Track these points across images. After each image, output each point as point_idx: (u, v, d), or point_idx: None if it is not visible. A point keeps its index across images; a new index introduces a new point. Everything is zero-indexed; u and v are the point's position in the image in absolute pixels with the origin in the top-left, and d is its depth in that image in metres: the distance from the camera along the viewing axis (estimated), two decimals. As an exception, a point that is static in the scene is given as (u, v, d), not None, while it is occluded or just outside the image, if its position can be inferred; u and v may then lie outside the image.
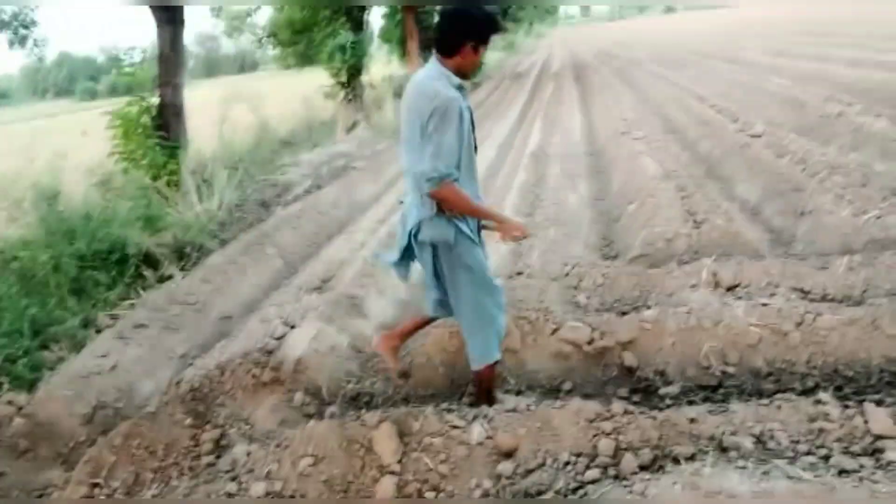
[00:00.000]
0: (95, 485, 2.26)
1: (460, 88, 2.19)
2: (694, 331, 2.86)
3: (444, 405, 2.49)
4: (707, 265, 3.43)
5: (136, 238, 4.08)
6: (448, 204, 2.19)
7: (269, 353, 2.97)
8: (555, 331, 2.98)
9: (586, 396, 2.66)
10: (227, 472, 2.28)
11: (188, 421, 2.55)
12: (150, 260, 4.14)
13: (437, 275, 2.38)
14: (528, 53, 34.28)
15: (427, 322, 2.71)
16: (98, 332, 3.42)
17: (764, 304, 2.96)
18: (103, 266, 3.89)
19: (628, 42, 29.96)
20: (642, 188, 5.18)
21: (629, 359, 2.86)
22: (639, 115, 8.93)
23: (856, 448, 2.09)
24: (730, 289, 3.28)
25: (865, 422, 2.17)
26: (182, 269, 4.16)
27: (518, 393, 2.80)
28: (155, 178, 5.21)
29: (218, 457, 2.42)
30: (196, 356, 3.25)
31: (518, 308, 3.11)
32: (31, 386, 2.89)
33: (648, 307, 3.21)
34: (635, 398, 2.69)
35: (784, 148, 5.87)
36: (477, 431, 2.28)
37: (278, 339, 3.10)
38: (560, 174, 6.05)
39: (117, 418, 2.83)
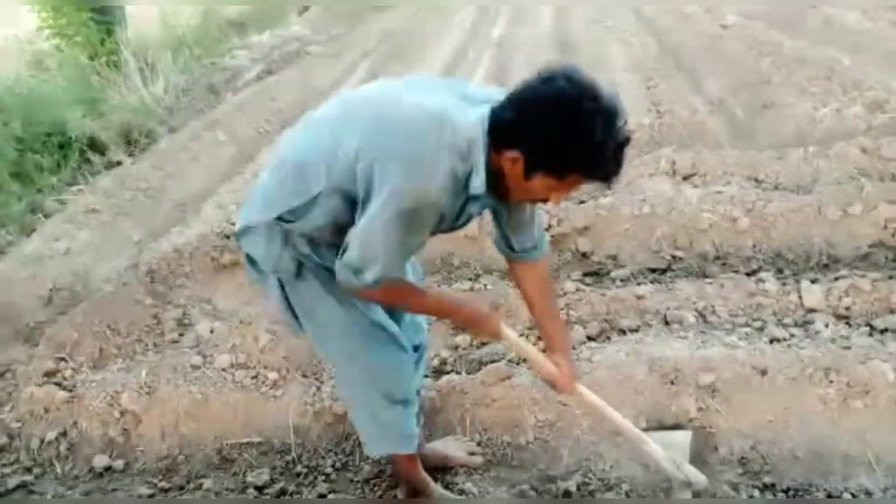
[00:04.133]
0: (61, 359, 2.28)
1: (473, 197, 1.26)
2: (647, 217, 2.92)
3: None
4: (665, 154, 3.46)
5: (77, 121, 3.87)
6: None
7: (227, 237, 2.94)
8: (514, 217, 3.02)
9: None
10: (192, 347, 2.33)
11: (149, 301, 2.55)
12: (96, 145, 3.95)
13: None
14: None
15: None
16: (46, 216, 3.31)
17: (718, 192, 3.05)
18: (45, 149, 3.70)
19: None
20: (609, 79, 5.09)
21: (584, 244, 2.93)
22: (612, 3, 8.60)
23: (788, 320, 2.26)
24: (686, 177, 3.34)
25: (800, 297, 2.32)
26: (130, 154, 3.99)
27: (476, 277, 2.87)
28: (92, 57, 4.85)
29: (181, 334, 2.46)
30: (152, 241, 3.21)
31: (479, 195, 3.12)
32: (-19, 269, 2.83)
33: (605, 196, 3.26)
34: (588, 280, 2.79)
35: (755, 40, 5.80)
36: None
37: (235, 224, 3.07)
38: (525, 64, 5.87)
39: (75, 300, 2.81)
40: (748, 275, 2.59)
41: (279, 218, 1.34)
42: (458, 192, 1.23)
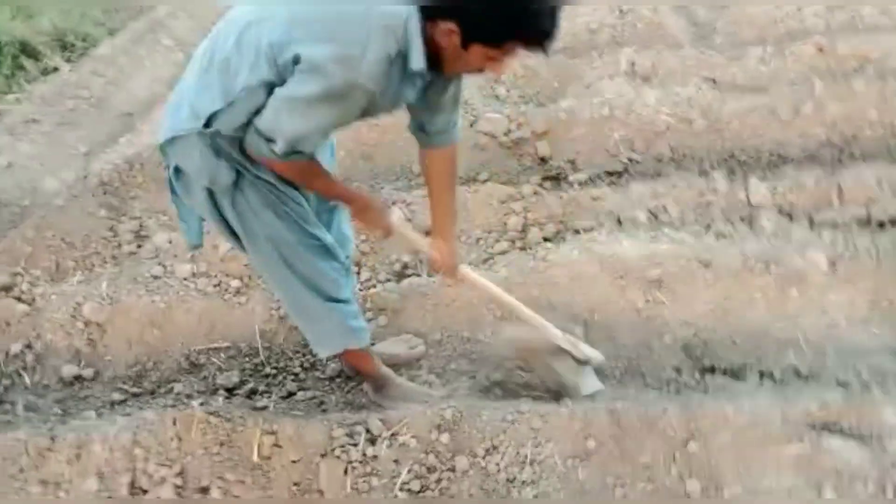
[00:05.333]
0: (16, 273, 2.25)
1: (411, 75, 1.24)
2: (606, 120, 2.94)
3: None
4: (626, 55, 3.43)
5: (6, 24, 3.57)
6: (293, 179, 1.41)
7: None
8: (472, 123, 2.99)
9: (501, 185, 2.77)
10: (151, 258, 2.32)
11: (102, 213, 2.50)
12: (28, 50, 3.68)
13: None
14: None
15: None
16: (-18, 126, 3.14)
17: (675, 94, 3.06)
18: (-27, 56, 3.44)
19: None
20: (572, -24, 4.91)
21: (543, 148, 2.94)
22: None
23: (735, 216, 2.36)
24: (646, 78, 3.33)
25: (747, 194, 2.42)
26: (68, 60, 3.74)
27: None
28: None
29: (139, 246, 2.43)
30: (100, 152, 3.09)
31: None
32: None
33: (565, 98, 3.24)
34: (546, 185, 2.83)
35: (719, -66, 5.61)
36: (397, 215, 2.37)
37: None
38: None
39: (24, 215, 2.73)
40: (700, 175, 2.66)
41: (207, 125, 1.29)
42: (392, 74, 1.19)
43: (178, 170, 1.42)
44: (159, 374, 2.08)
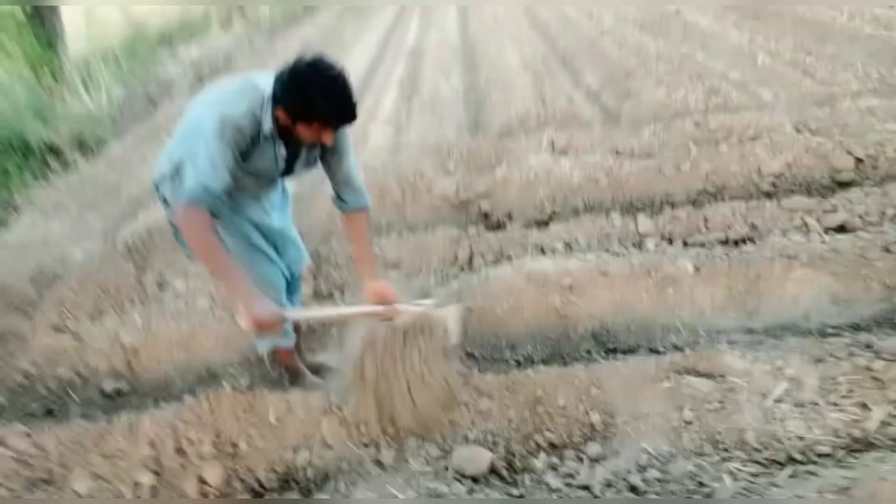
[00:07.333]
0: (63, 316, 2.78)
1: (267, 139, 1.82)
2: (533, 183, 3.73)
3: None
4: (547, 135, 4.29)
5: (35, 128, 4.26)
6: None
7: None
8: (429, 189, 3.74)
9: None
10: (174, 299, 2.89)
11: (130, 268, 3.08)
12: (52, 149, 4.35)
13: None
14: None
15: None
16: (16, 210, 3.73)
17: (585, 161, 3.89)
18: (8, 155, 4.08)
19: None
20: (505, 78, 5.94)
21: (485, 205, 3.69)
22: (509, 11, 9.55)
23: (627, 242, 3.09)
24: (563, 152, 4.18)
25: (636, 227, 3.17)
26: (85, 158, 4.42)
27: (399, 234, 3.56)
28: (34, 69, 5.17)
29: (162, 292, 3.00)
30: (120, 226, 3.69)
31: (399, 174, 3.83)
32: (-32, 258, 3.24)
33: (500, 168, 4.04)
34: (489, 233, 3.54)
35: (626, 41, 6.83)
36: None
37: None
38: (435, 68, 6.64)
39: (56, 279, 3.27)
40: (603, 216, 3.42)
41: (175, 169, 1.90)
42: (257, 132, 1.77)
43: (164, 200, 2.05)
44: (184, 383, 2.59)
